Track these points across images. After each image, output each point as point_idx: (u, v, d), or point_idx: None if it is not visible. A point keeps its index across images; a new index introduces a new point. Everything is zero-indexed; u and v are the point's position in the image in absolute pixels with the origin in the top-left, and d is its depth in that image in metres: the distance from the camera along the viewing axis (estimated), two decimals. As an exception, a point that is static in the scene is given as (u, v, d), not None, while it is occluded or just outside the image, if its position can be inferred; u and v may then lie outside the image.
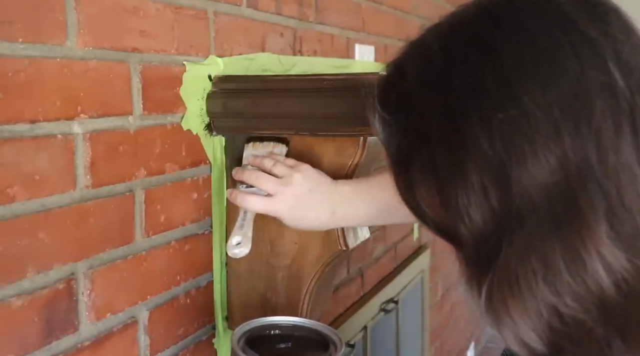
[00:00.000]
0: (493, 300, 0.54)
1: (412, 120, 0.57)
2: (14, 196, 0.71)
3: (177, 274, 0.97)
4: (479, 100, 0.53)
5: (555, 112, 0.51)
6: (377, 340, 1.76)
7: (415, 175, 0.58)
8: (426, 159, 0.56)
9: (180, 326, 0.98)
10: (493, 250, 0.53)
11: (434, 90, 0.56)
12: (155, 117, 0.91)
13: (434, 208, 0.58)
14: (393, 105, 0.59)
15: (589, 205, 0.50)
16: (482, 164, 0.52)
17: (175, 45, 0.95)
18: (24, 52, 0.71)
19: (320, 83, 0.96)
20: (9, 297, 0.71)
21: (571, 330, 0.52)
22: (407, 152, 0.58)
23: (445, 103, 0.55)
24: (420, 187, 0.58)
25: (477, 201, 0.53)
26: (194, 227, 1.00)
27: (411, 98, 0.57)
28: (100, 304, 0.83)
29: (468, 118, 0.53)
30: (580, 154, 0.50)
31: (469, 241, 0.55)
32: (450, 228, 0.56)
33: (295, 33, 1.30)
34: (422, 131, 0.56)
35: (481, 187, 0.53)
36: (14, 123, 0.70)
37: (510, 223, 0.52)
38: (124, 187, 0.86)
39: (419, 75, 0.57)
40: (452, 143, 0.54)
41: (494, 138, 0.52)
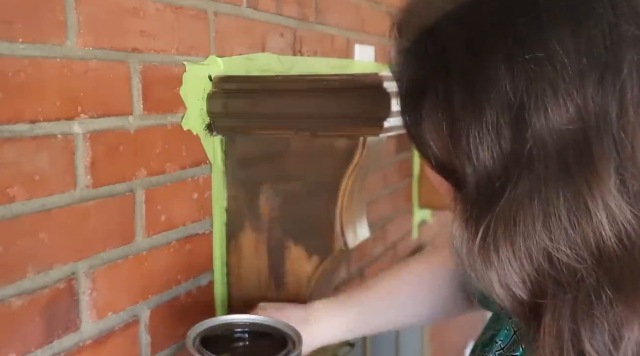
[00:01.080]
0: (487, 240, 0.54)
1: (432, 52, 0.56)
2: (14, 196, 0.71)
3: (178, 273, 0.98)
4: (507, 38, 0.52)
5: (582, 60, 0.50)
6: (376, 339, 1.76)
7: (426, 109, 0.57)
8: (442, 93, 0.55)
9: (181, 325, 0.99)
10: (496, 191, 0.53)
11: (460, 24, 0.55)
12: (155, 117, 0.91)
13: (441, 144, 0.57)
14: (413, 34, 0.58)
15: (601, 156, 0.50)
16: (500, 104, 0.52)
17: (176, 46, 0.95)
18: (24, 52, 0.71)
19: (320, 83, 0.97)
20: (9, 297, 0.71)
21: (560, 277, 0.52)
22: (421, 84, 0.57)
23: (470, 38, 0.54)
24: (430, 121, 0.57)
25: (488, 141, 0.53)
26: (194, 227, 1.01)
27: (434, 29, 0.56)
28: (101, 303, 0.83)
29: (493, 55, 0.52)
30: (601, 106, 0.50)
31: (473, 180, 0.54)
32: (455, 166, 0.56)
33: (296, 33, 1.30)
34: (442, 64, 0.55)
35: (496, 127, 0.52)
36: (14, 123, 0.71)
37: (518, 167, 0.52)
38: (125, 186, 0.86)
39: (444, 6, 0.56)
40: (472, 80, 0.53)
41: (516, 79, 0.51)
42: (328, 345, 0.93)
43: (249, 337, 0.80)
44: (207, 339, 0.76)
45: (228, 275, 1.07)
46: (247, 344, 0.79)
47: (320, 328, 0.90)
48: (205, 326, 0.78)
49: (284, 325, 0.80)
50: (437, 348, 2.54)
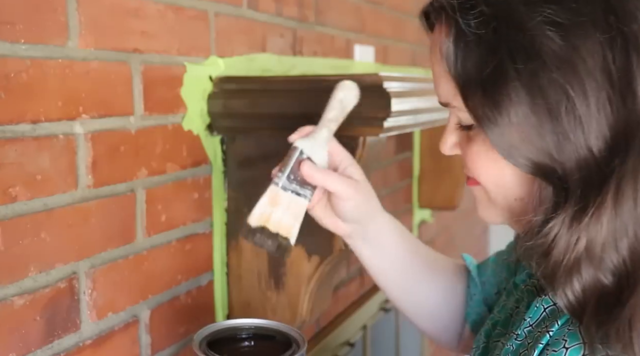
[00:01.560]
0: (590, 230, 0.54)
1: (508, 34, 0.55)
2: (16, 196, 0.71)
3: (178, 273, 0.98)
4: (595, 15, 0.51)
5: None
6: (376, 339, 1.76)
7: (509, 96, 0.55)
8: (527, 75, 0.54)
9: (181, 325, 0.99)
10: (603, 175, 0.53)
11: (540, 3, 0.54)
12: (156, 117, 0.92)
13: (529, 132, 0.56)
14: (480, 17, 0.56)
15: None
16: (602, 81, 0.51)
17: (176, 46, 0.95)
18: (25, 52, 0.72)
19: (320, 83, 0.97)
20: (11, 296, 0.71)
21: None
22: (497, 68, 0.55)
23: (555, 17, 0.53)
24: (514, 106, 0.55)
25: (592, 121, 0.52)
26: (194, 227, 1.01)
27: (508, 10, 0.55)
28: (101, 303, 0.83)
29: (586, 33, 0.51)
30: None
31: (574, 167, 0.54)
32: (547, 153, 0.55)
33: (296, 34, 1.30)
34: (524, 46, 0.54)
35: (598, 105, 0.52)
36: (16, 124, 0.71)
37: (625, 146, 0.52)
38: (125, 186, 0.87)
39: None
40: (566, 60, 0.52)
41: (616, 54, 0.51)
42: (332, 343, 0.92)
43: (253, 340, 0.80)
44: (212, 342, 0.76)
45: (228, 275, 1.07)
46: (252, 346, 0.79)
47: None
48: (210, 329, 0.79)
49: (288, 328, 0.80)
50: (437, 347, 2.54)
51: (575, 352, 0.58)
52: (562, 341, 0.60)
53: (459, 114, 0.65)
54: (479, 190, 0.68)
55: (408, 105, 0.96)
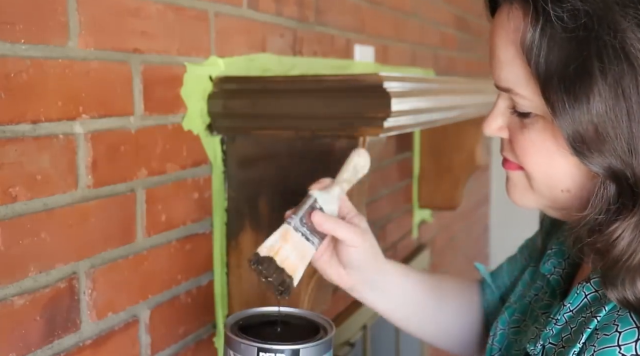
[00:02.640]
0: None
1: (599, 33, 0.55)
2: (16, 196, 0.71)
3: (178, 273, 0.98)
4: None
5: None
6: (376, 339, 1.76)
7: (591, 92, 0.55)
8: (613, 77, 0.54)
9: (181, 325, 0.99)
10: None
11: (634, 6, 0.54)
12: (156, 117, 0.92)
13: (607, 133, 0.56)
14: (572, 12, 0.56)
15: None
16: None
17: (176, 46, 0.95)
18: (26, 52, 0.72)
19: (320, 83, 0.97)
20: (11, 296, 0.71)
21: None
22: (583, 66, 0.55)
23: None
24: (595, 104, 0.56)
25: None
26: (194, 227, 1.01)
27: (603, 9, 0.55)
28: (101, 303, 0.83)
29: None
30: None
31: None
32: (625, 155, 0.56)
33: (296, 34, 1.30)
34: (613, 47, 0.54)
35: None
36: (16, 124, 0.71)
37: None
38: (125, 186, 0.87)
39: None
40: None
41: None
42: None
43: (282, 326, 0.81)
44: (242, 328, 0.77)
45: (228, 275, 1.07)
46: (281, 332, 0.81)
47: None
48: (241, 316, 0.81)
49: (315, 314, 0.82)
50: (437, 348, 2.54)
51: (630, 336, 0.59)
52: (613, 326, 0.61)
53: (520, 101, 0.64)
54: (518, 176, 0.69)
55: (408, 105, 0.97)
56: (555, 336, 0.67)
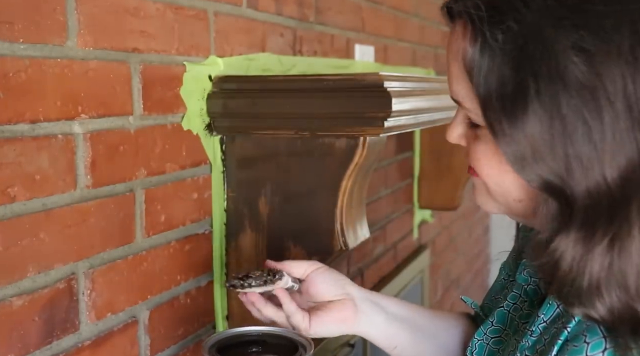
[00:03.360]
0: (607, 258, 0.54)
1: (534, 54, 0.54)
2: (14, 196, 0.71)
3: (178, 274, 0.98)
4: (625, 44, 0.51)
5: None
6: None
7: (527, 113, 0.55)
8: (548, 98, 0.54)
9: (181, 325, 0.99)
10: (618, 205, 0.53)
11: (567, 27, 0.53)
12: (155, 117, 0.91)
13: (544, 154, 0.55)
14: (507, 33, 0.56)
15: None
16: (622, 112, 0.51)
17: (176, 46, 0.95)
18: (24, 52, 0.71)
19: (320, 83, 0.97)
20: (9, 297, 0.71)
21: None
22: (519, 87, 0.55)
23: (581, 43, 0.52)
24: (530, 126, 0.55)
25: (608, 151, 0.52)
26: (194, 227, 1.01)
27: (536, 30, 0.54)
28: (100, 304, 0.83)
29: (610, 62, 0.51)
30: None
31: (584, 193, 0.54)
32: (560, 176, 0.55)
33: (296, 33, 1.30)
34: (547, 68, 0.54)
35: (616, 136, 0.51)
36: (14, 124, 0.71)
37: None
38: (125, 186, 0.86)
39: (547, 5, 0.54)
40: (587, 87, 0.52)
41: (637, 86, 0.50)
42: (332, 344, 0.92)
43: (261, 346, 0.83)
44: (221, 349, 0.79)
45: (227, 275, 1.07)
46: (260, 351, 0.82)
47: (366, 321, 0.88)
48: (219, 337, 0.82)
49: (294, 333, 0.83)
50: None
51: (598, 346, 0.59)
52: (582, 337, 0.60)
53: (469, 113, 0.65)
54: (479, 182, 0.69)
55: (408, 105, 0.96)
56: (531, 348, 0.67)
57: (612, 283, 0.56)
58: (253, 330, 0.84)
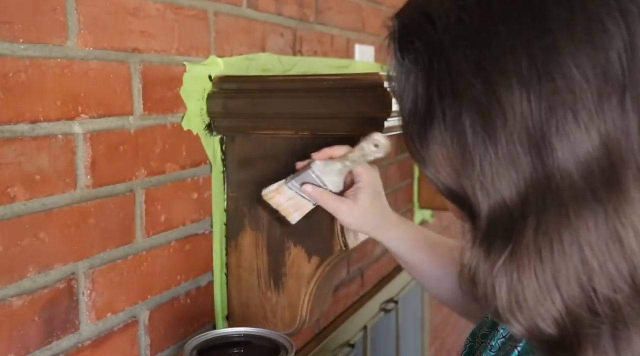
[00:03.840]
0: (509, 275, 0.52)
1: (438, 73, 0.53)
2: (14, 196, 0.71)
3: (178, 274, 0.98)
4: (519, 63, 0.50)
5: (601, 84, 0.49)
6: (377, 340, 1.76)
7: (434, 133, 0.54)
8: (450, 118, 0.53)
9: (181, 325, 0.99)
10: (516, 222, 0.51)
11: (468, 45, 0.52)
12: (155, 117, 0.91)
13: (450, 171, 0.55)
14: (415, 53, 0.55)
15: (628, 181, 0.49)
16: (517, 133, 0.50)
17: (176, 46, 0.95)
18: (24, 52, 0.71)
19: (320, 83, 0.97)
20: (9, 297, 0.71)
21: (596, 307, 0.51)
22: (427, 107, 0.54)
23: (479, 62, 0.51)
24: (437, 146, 0.55)
25: (505, 171, 0.51)
26: (194, 227, 1.01)
27: (439, 49, 0.53)
28: (100, 304, 0.83)
29: (505, 81, 0.50)
30: (622, 128, 0.49)
31: (487, 210, 0.53)
32: (465, 194, 0.54)
33: (296, 33, 1.30)
34: (449, 87, 0.53)
35: (512, 156, 0.50)
36: (14, 124, 0.71)
37: (542, 197, 0.50)
38: (125, 186, 0.86)
39: (451, 25, 0.53)
40: (483, 106, 0.51)
41: (533, 107, 0.49)
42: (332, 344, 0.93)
43: (243, 347, 0.84)
44: (203, 351, 0.80)
45: (227, 275, 1.07)
46: (242, 353, 0.84)
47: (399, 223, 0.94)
48: (201, 339, 0.83)
49: (276, 334, 0.84)
50: (437, 348, 2.54)
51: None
52: (531, 354, 0.60)
53: None
54: None
55: (408, 105, 0.96)
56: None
57: (514, 301, 0.53)
58: (235, 331, 0.85)
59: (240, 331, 0.86)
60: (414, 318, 2.18)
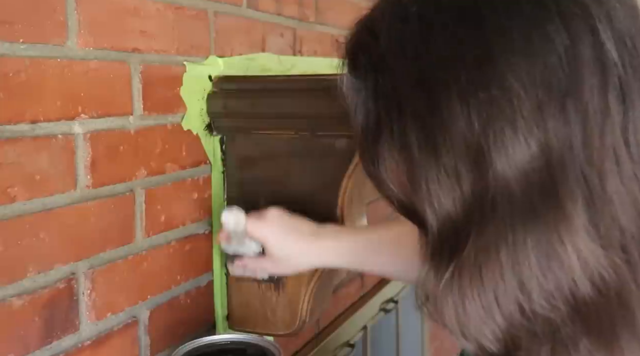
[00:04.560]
0: (453, 290, 0.50)
1: (383, 88, 0.52)
2: (14, 196, 0.71)
3: (178, 274, 0.98)
4: (458, 75, 0.48)
5: (540, 93, 0.46)
6: (377, 340, 1.76)
7: (383, 149, 0.53)
8: (397, 134, 0.51)
9: (181, 325, 0.99)
10: (461, 238, 0.50)
11: (408, 58, 0.50)
12: (155, 117, 0.91)
13: (401, 186, 0.53)
14: (362, 69, 0.54)
15: (569, 195, 0.47)
16: (457, 146, 0.48)
17: (176, 46, 0.95)
18: (24, 52, 0.71)
19: (320, 83, 0.96)
20: (9, 297, 0.71)
21: (535, 328, 0.49)
22: (375, 123, 0.53)
23: (420, 75, 0.50)
24: (387, 162, 0.53)
25: (448, 186, 0.49)
26: (194, 227, 1.01)
27: (383, 63, 0.52)
28: (100, 304, 0.83)
29: (445, 94, 0.48)
30: (563, 139, 0.46)
31: (435, 226, 0.51)
32: (416, 210, 0.52)
33: (296, 33, 1.30)
34: (395, 102, 0.51)
35: (454, 170, 0.49)
36: (14, 124, 0.71)
37: (482, 211, 0.48)
38: (125, 186, 0.86)
39: (392, 38, 0.51)
40: (426, 120, 0.49)
41: (472, 119, 0.47)
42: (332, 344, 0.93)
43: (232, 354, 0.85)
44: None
45: (227, 275, 1.07)
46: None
47: (327, 245, 0.92)
48: (189, 346, 0.84)
49: (263, 341, 0.85)
50: (437, 347, 2.54)
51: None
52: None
53: None
54: None
55: (408, 105, 0.96)
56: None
57: (460, 320, 0.51)
58: (221, 338, 0.87)
59: (225, 339, 0.87)
60: (414, 318, 2.18)
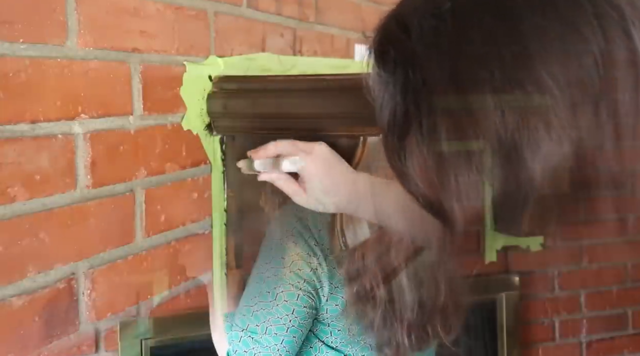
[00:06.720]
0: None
1: (414, 83, 0.52)
2: (14, 196, 0.71)
3: (178, 274, 0.98)
4: (493, 71, 0.48)
5: (574, 92, 0.47)
6: (376, 340, 1.76)
7: (411, 144, 0.53)
8: (426, 128, 0.51)
9: (181, 326, 0.99)
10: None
11: (442, 54, 0.51)
12: (155, 117, 0.91)
13: (428, 182, 0.53)
14: (392, 63, 0.54)
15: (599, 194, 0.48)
16: (490, 142, 0.48)
17: (176, 46, 0.95)
18: (24, 52, 0.71)
19: (320, 83, 0.96)
20: (9, 297, 0.71)
21: None
22: (404, 117, 0.53)
23: (453, 70, 0.50)
24: (415, 157, 0.53)
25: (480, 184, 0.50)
26: (194, 227, 1.00)
27: (414, 58, 0.52)
28: (100, 304, 0.83)
29: (479, 91, 0.48)
30: (597, 139, 0.47)
31: (462, 222, 0.51)
32: (442, 206, 0.53)
33: (296, 33, 1.30)
34: (425, 98, 0.51)
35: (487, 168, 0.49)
36: (14, 124, 0.71)
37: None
38: (125, 186, 0.86)
39: (425, 33, 0.52)
40: (459, 117, 0.49)
41: (506, 116, 0.47)
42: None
43: None
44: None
45: (227, 275, 1.07)
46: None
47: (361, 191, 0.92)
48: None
49: None
50: (438, 348, 2.54)
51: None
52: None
53: None
54: None
55: (408, 105, 0.96)
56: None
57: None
58: None
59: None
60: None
